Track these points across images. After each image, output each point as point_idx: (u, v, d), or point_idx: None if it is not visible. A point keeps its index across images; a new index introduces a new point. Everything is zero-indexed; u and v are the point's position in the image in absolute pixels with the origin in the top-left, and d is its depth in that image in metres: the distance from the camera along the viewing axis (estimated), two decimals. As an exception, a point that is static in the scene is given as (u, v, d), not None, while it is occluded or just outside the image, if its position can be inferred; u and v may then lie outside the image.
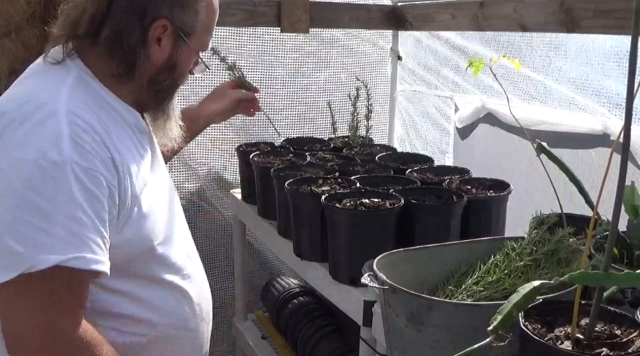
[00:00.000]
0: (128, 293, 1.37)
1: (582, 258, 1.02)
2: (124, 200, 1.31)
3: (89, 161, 1.23)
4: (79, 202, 1.20)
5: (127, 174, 1.32)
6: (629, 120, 0.85)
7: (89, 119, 1.27)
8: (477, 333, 0.93)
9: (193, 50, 1.47)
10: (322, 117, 2.90)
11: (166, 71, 1.44)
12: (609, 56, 1.91)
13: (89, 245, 1.20)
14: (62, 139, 1.21)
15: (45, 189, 1.18)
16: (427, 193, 1.85)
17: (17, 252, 1.16)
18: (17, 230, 1.17)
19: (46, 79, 1.34)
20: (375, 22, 2.96)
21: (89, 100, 1.32)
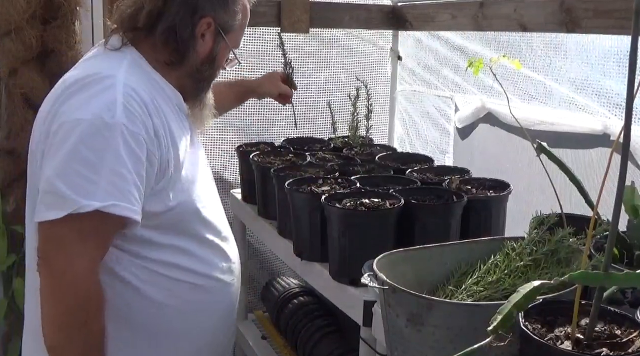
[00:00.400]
0: (179, 247, 1.59)
1: (582, 258, 1.02)
2: (166, 167, 1.51)
3: (136, 126, 1.42)
4: (123, 159, 1.39)
5: (171, 144, 1.53)
6: (629, 120, 0.85)
7: (141, 93, 1.48)
8: (477, 333, 0.93)
9: (229, 46, 1.68)
10: (322, 117, 2.91)
11: (207, 63, 1.65)
12: (609, 56, 1.91)
13: (127, 196, 1.39)
14: (116, 106, 1.41)
15: (96, 145, 1.38)
16: (427, 193, 1.85)
17: (66, 195, 1.35)
18: (68, 176, 1.36)
19: (107, 60, 1.56)
20: (375, 22, 2.96)
21: (142, 78, 1.54)
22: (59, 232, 1.38)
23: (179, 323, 1.61)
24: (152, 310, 1.55)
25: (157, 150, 1.47)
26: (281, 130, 2.88)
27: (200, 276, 1.63)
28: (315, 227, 1.85)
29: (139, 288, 1.53)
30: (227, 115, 2.77)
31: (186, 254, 1.60)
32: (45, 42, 2.26)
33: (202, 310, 1.65)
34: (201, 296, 1.64)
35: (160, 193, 1.51)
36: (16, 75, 2.23)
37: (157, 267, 1.55)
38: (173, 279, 1.58)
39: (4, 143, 2.30)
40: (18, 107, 2.24)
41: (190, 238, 1.62)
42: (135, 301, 1.53)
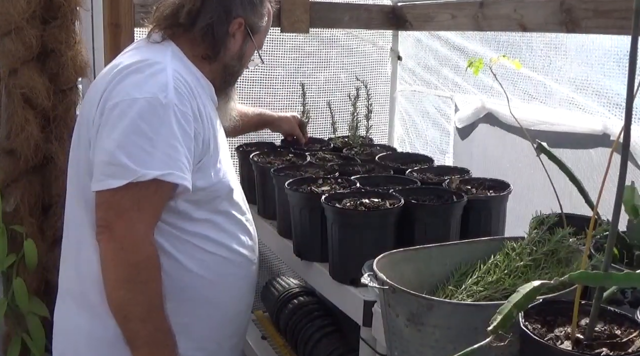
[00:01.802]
0: (213, 222, 1.72)
1: (582, 258, 1.02)
2: (208, 145, 1.65)
3: (185, 106, 1.57)
4: (176, 134, 1.53)
5: (210, 127, 1.67)
6: (629, 120, 0.85)
7: (186, 78, 1.63)
8: (477, 333, 0.93)
9: (255, 46, 1.82)
10: (322, 117, 2.90)
11: (237, 60, 1.80)
12: (609, 56, 1.91)
13: (180, 166, 1.53)
14: (168, 87, 1.55)
15: (153, 121, 1.51)
16: (427, 193, 1.85)
17: (127, 165, 1.48)
18: (128, 148, 1.49)
19: (153, 50, 1.69)
20: (375, 22, 2.96)
21: (183, 67, 1.69)
22: (120, 200, 1.50)
23: (212, 292, 1.72)
24: (188, 279, 1.67)
25: (201, 129, 1.62)
26: (281, 130, 2.88)
27: (230, 250, 1.75)
28: (315, 227, 1.85)
29: (177, 258, 1.65)
30: (227, 115, 2.78)
31: (219, 229, 1.73)
32: (45, 42, 2.26)
33: (231, 282, 1.77)
34: (231, 269, 1.76)
35: (203, 170, 1.65)
36: (16, 75, 2.23)
37: (193, 238, 1.67)
38: (207, 251, 1.69)
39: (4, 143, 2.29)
40: (18, 107, 2.24)
41: (223, 215, 1.74)
42: (173, 269, 1.63)
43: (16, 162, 2.28)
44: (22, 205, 2.29)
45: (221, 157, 1.74)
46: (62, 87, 2.29)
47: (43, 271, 2.33)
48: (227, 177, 1.75)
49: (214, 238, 1.72)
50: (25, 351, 2.34)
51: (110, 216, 1.51)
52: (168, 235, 1.64)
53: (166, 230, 1.64)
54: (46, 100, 2.24)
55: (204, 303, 1.72)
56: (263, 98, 2.84)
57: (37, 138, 2.24)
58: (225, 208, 1.76)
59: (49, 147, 2.28)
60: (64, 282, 1.75)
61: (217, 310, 1.75)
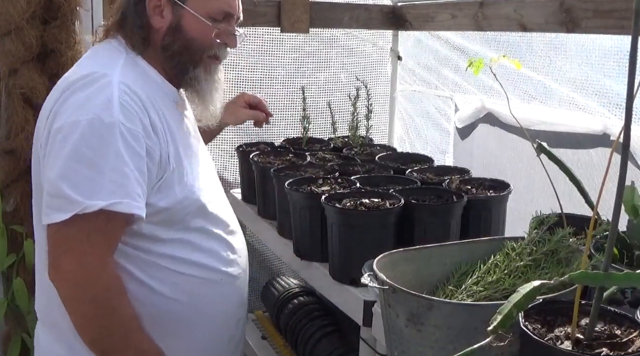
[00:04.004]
0: (185, 241, 1.60)
1: (582, 258, 1.02)
2: (167, 161, 1.53)
3: (133, 123, 1.44)
4: (123, 157, 1.41)
5: (170, 139, 1.55)
6: (629, 120, 0.85)
7: (136, 89, 1.50)
8: (477, 333, 0.93)
9: (197, 14, 1.61)
10: (322, 117, 2.90)
11: (170, 35, 1.61)
12: (609, 56, 1.91)
13: (130, 193, 1.41)
14: (113, 104, 1.43)
15: (97, 145, 1.40)
16: (427, 193, 1.85)
17: (70, 197, 1.37)
18: (71, 177, 1.38)
19: (104, 58, 1.58)
20: (375, 22, 2.95)
21: (137, 75, 1.56)
22: (67, 234, 1.40)
23: (191, 315, 1.62)
24: (162, 304, 1.57)
25: (156, 145, 1.49)
26: (281, 130, 2.88)
27: (207, 270, 1.63)
28: (315, 227, 1.85)
29: (148, 284, 1.54)
30: (227, 115, 2.77)
31: (193, 248, 1.61)
32: (45, 42, 2.26)
33: (212, 302, 1.66)
34: (210, 289, 1.65)
35: (165, 189, 1.53)
36: (16, 75, 2.23)
37: (165, 261, 1.57)
38: (180, 273, 1.58)
39: (4, 143, 2.30)
40: (18, 107, 2.24)
41: (197, 232, 1.63)
42: (145, 296, 1.54)
43: (16, 162, 2.28)
44: (22, 205, 2.29)
45: (190, 169, 1.61)
46: (62, 87, 2.29)
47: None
48: (197, 191, 1.61)
49: (188, 259, 1.60)
50: (25, 351, 2.34)
51: (58, 253, 1.41)
52: (136, 260, 1.54)
53: (133, 254, 1.53)
54: (46, 100, 2.24)
55: (184, 327, 1.62)
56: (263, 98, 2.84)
57: (37, 138, 2.23)
58: (199, 224, 1.63)
59: (49, 147, 2.28)
60: (38, 309, 1.65)
61: (201, 331, 1.65)
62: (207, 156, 1.82)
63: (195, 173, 1.64)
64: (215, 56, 1.68)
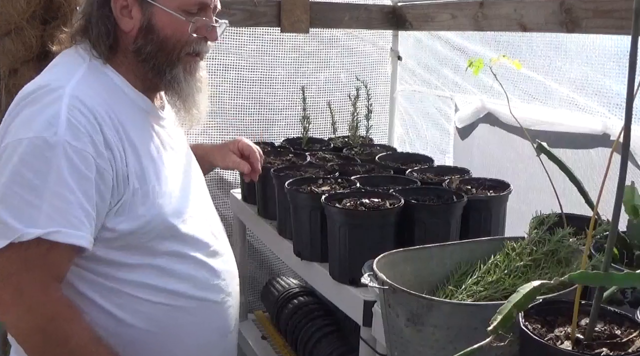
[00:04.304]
0: (154, 266, 1.46)
1: (582, 258, 1.02)
2: (125, 181, 1.39)
3: (81, 142, 1.32)
4: (67, 181, 1.29)
5: (132, 156, 1.41)
6: (629, 120, 0.85)
7: (90, 103, 1.36)
8: (477, 333, 0.93)
9: (169, 10, 1.47)
10: (322, 117, 2.90)
11: (142, 37, 1.48)
12: (609, 56, 1.91)
13: (71, 221, 1.29)
14: (60, 121, 1.31)
15: (38, 166, 1.28)
16: (427, 193, 1.85)
17: (7, 223, 1.26)
18: (9, 202, 1.28)
19: (65, 67, 1.46)
20: (375, 22, 2.96)
21: (99, 86, 1.43)
22: (4, 263, 1.29)
23: (165, 347, 1.48)
24: (132, 335, 1.44)
25: (110, 165, 1.36)
26: (281, 130, 2.88)
27: (180, 296, 1.49)
28: (315, 227, 1.85)
29: (114, 314, 1.42)
30: (227, 115, 2.78)
31: (163, 273, 1.47)
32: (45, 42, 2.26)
33: (188, 332, 1.51)
34: (184, 318, 1.51)
35: (125, 211, 1.40)
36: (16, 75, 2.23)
37: (131, 289, 1.44)
38: (150, 302, 1.45)
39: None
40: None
41: (167, 256, 1.48)
42: (112, 326, 1.42)
43: (16, 162, 2.28)
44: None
45: (160, 187, 1.46)
46: (62, 87, 2.29)
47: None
48: (166, 212, 1.46)
49: (157, 285, 1.45)
50: (25, 351, 2.33)
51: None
52: (100, 288, 1.40)
53: (97, 282, 1.40)
54: (46, 100, 2.24)
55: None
56: (263, 98, 2.85)
57: (37, 138, 2.24)
58: (170, 248, 1.48)
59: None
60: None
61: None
62: (193, 169, 1.67)
63: (169, 191, 1.49)
64: (194, 53, 1.54)
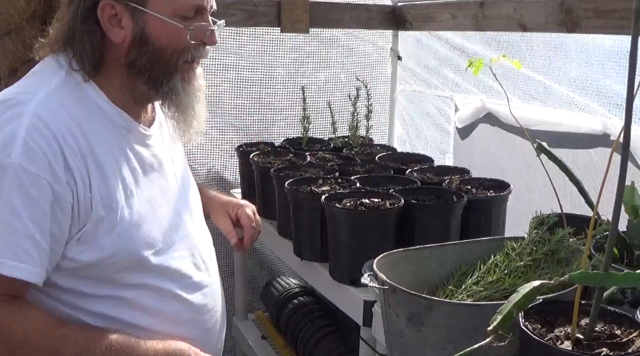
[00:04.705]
0: (121, 298, 1.34)
1: (582, 258, 1.02)
2: (89, 209, 1.28)
3: (36, 166, 1.20)
4: (15, 207, 1.18)
5: (98, 182, 1.29)
6: (629, 120, 0.85)
7: (52, 124, 1.24)
8: (477, 333, 0.93)
9: (163, 17, 1.34)
10: (322, 117, 2.90)
11: (135, 49, 1.36)
12: (609, 56, 1.91)
13: (14, 252, 1.18)
14: (15, 142, 1.20)
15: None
16: (427, 193, 1.85)
17: None
18: None
19: (37, 79, 1.35)
20: (375, 22, 2.96)
21: (71, 101, 1.31)
22: None
23: None
24: None
25: (71, 191, 1.25)
26: (281, 130, 2.88)
27: (149, 332, 1.36)
28: (315, 227, 1.85)
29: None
30: (227, 115, 2.78)
31: (129, 306, 1.36)
32: (45, 42, 2.27)
33: None
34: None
35: (87, 240, 1.29)
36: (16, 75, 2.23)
37: (93, 320, 1.33)
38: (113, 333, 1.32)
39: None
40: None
41: (135, 289, 1.36)
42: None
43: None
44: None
45: (131, 215, 1.33)
46: (62, 87, 2.29)
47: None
48: (136, 243, 1.34)
49: (122, 319, 1.33)
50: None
51: None
52: (67, 318, 1.30)
53: (59, 310, 1.30)
54: (46, 100, 2.24)
55: None
56: (263, 98, 2.85)
57: (37, 138, 2.24)
58: (139, 280, 1.36)
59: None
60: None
61: None
62: (182, 192, 1.54)
63: (143, 218, 1.36)
64: (191, 60, 1.43)
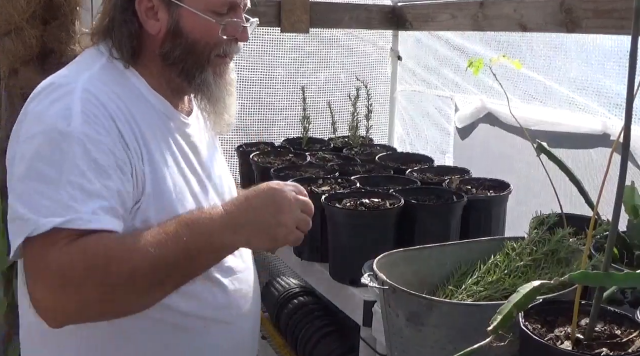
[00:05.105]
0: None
1: (582, 258, 1.02)
2: (142, 184, 1.32)
3: (97, 133, 1.26)
4: (83, 170, 1.23)
5: (146, 157, 1.34)
6: (629, 120, 0.85)
7: (102, 98, 1.31)
8: (477, 333, 0.93)
9: (198, 11, 1.40)
10: (322, 117, 2.90)
11: (170, 40, 1.42)
12: (609, 56, 1.91)
13: (90, 207, 1.22)
14: (73, 113, 1.26)
15: (53, 158, 1.23)
16: (427, 193, 1.85)
17: (25, 217, 1.20)
18: (26, 196, 1.22)
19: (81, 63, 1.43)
20: (375, 22, 2.96)
21: (114, 84, 1.37)
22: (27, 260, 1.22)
23: None
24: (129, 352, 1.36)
25: (128, 160, 1.30)
26: (281, 130, 2.88)
27: (183, 315, 1.38)
28: (315, 227, 1.85)
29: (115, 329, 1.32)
30: (227, 115, 2.77)
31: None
32: (45, 42, 2.26)
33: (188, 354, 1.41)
34: (185, 338, 1.40)
35: (140, 216, 1.31)
36: (16, 75, 2.23)
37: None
38: (150, 318, 1.33)
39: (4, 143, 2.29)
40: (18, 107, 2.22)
41: None
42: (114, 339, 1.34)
43: (16, 162, 2.28)
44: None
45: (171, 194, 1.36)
46: (62, 87, 2.29)
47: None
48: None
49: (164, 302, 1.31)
50: (25, 351, 2.33)
51: (30, 285, 1.21)
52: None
53: None
54: (46, 100, 2.24)
55: None
56: (263, 98, 2.85)
57: (37, 138, 2.24)
58: None
59: (49, 147, 2.28)
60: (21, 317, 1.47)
61: None
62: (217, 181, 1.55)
63: (184, 204, 1.38)
64: (224, 54, 1.47)
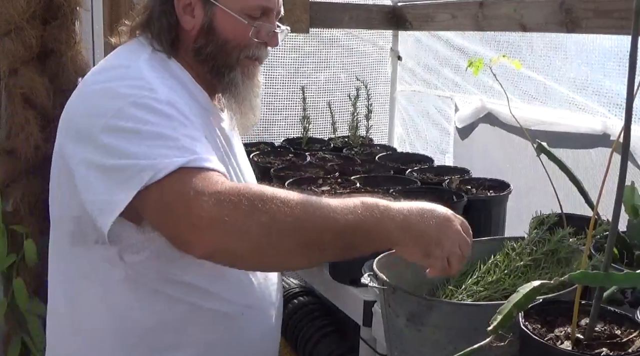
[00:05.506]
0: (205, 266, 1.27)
1: (582, 258, 1.02)
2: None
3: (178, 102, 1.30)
4: (184, 123, 1.26)
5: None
6: (629, 120, 0.85)
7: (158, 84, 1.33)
8: (477, 333, 0.93)
9: (232, 12, 1.43)
10: (322, 117, 2.90)
11: (203, 37, 1.45)
12: (609, 56, 1.91)
13: (203, 150, 1.23)
14: (150, 80, 1.30)
15: (151, 117, 1.23)
16: (427, 194, 1.85)
17: (135, 167, 1.17)
18: (135, 151, 1.19)
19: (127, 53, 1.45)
20: (375, 22, 2.96)
21: (164, 71, 1.40)
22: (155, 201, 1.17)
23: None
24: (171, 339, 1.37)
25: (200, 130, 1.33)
26: (281, 130, 2.88)
27: (227, 302, 1.40)
28: (315, 227, 1.85)
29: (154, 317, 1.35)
30: (227, 115, 2.78)
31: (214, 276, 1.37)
32: (45, 42, 2.26)
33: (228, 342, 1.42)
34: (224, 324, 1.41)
35: None
36: (16, 75, 2.23)
37: (179, 291, 1.35)
38: (194, 305, 1.36)
39: (4, 143, 2.30)
40: (18, 107, 2.24)
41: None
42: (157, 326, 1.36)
43: (16, 162, 2.29)
44: (22, 205, 2.29)
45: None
46: (62, 87, 2.29)
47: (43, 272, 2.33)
48: None
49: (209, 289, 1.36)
50: (25, 351, 2.34)
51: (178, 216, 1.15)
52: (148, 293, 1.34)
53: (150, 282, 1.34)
54: (46, 100, 2.25)
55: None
56: (263, 98, 2.83)
57: (37, 138, 2.24)
58: None
59: (49, 147, 2.28)
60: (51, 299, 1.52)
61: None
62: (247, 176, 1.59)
63: None
64: (253, 57, 1.49)
